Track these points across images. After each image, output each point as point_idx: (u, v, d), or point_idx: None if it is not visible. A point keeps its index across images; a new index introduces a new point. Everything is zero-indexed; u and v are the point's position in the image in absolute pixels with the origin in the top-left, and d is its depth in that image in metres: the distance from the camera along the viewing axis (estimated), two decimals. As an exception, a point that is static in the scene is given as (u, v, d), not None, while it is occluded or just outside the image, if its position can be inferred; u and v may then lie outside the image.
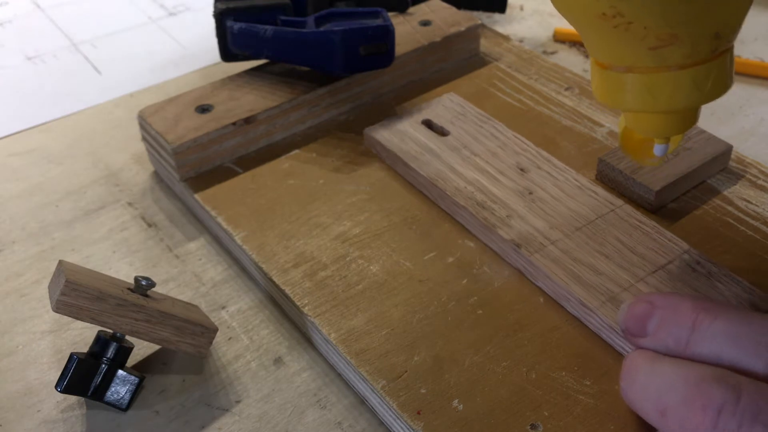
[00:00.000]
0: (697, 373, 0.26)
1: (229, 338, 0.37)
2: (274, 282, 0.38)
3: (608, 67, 0.30)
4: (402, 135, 0.45)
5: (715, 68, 0.29)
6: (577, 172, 0.41)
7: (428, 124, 0.46)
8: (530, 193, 0.40)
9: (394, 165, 0.44)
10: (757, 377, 0.26)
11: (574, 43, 0.59)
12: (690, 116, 0.32)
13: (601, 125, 0.47)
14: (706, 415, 0.25)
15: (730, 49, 0.30)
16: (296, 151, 0.46)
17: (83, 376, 0.33)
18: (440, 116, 0.46)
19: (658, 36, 0.27)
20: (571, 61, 0.57)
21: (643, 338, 0.29)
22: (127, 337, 0.34)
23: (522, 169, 0.41)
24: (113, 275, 0.39)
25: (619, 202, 0.39)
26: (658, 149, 0.33)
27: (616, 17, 0.27)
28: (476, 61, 0.54)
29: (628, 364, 0.29)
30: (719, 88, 0.30)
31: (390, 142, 0.44)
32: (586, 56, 0.58)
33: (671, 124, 0.31)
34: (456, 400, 0.32)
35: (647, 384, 0.28)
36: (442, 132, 0.45)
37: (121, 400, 0.34)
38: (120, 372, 0.33)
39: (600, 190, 0.40)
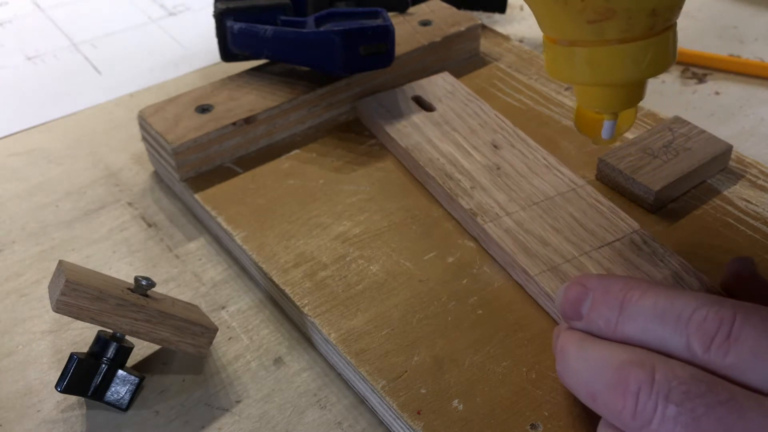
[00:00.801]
0: (618, 358, 0.27)
1: (229, 338, 0.37)
2: (274, 282, 0.38)
3: (555, 41, 0.31)
4: (391, 108, 0.47)
5: (653, 45, 0.30)
6: (548, 153, 0.43)
7: (418, 100, 0.48)
8: (498, 168, 0.42)
9: (379, 135, 0.46)
10: (680, 354, 0.26)
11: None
12: (634, 91, 0.32)
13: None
14: (627, 400, 0.26)
15: (672, 28, 0.30)
16: (296, 151, 0.46)
17: (83, 376, 0.33)
18: (431, 93, 0.48)
19: (595, 9, 0.29)
20: None
21: (578, 321, 0.30)
22: (127, 337, 0.34)
23: (496, 146, 0.43)
24: (113, 275, 0.39)
25: (581, 182, 0.41)
26: (606, 125, 0.34)
27: None
28: (476, 61, 0.54)
29: (559, 347, 0.30)
30: (658, 65, 0.31)
31: (378, 114, 0.46)
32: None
33: (615, 98, 0.32)
34: (456, 400, 0.32)
35: (578, 369, 0.28)
36: (430, 108, 0.47)
37: (121, 400, 0.34)
38: (120, 372, 0.33)
39: (566, 170, 0.41)
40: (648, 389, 0.25)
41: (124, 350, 0.34)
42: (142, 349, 0.37)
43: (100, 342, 0.34)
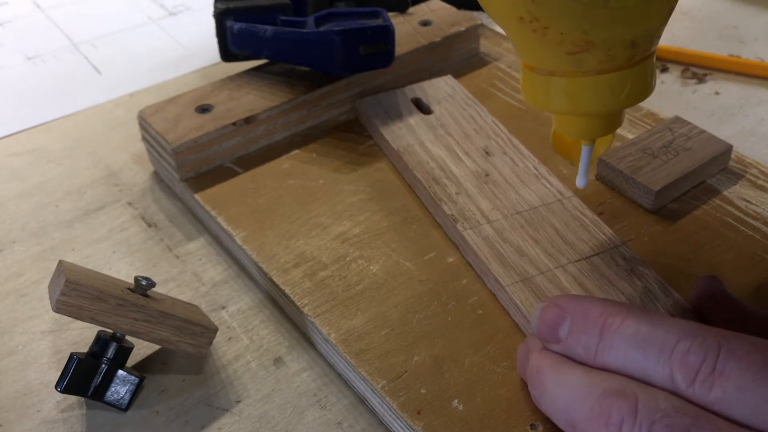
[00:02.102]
0: (599, 386, 0.26)
1: (229, 338, 0.37)
2: (274, 282, 0.38)
3: (533, 69, 0.31)
4: (389, 109, 0.47)
5: (632, 76, 0.30)
6: (539, 162, 0.42)
7: (417, 103, 0.47)
8: (487, 175, 0.41)
9: (375, 135, 0.46)
10: (663, 385, 0.26)
11: None
12: (612, 119, 0.32)
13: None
14: None
15: (650, 57, 0.30)
16: (296, 151, 0.46)
17: (83, 376, 0.33)
18: (430, 96, 0.48)
19: (573, 42, 0.28)
20: None
21: (556, 344, 0.29)
22: (127, 337, 0.34)
23: (488, 153, 0.43)
24: (113, 275, 0.39)
25: (569, 193, 0.40)
26: (584, 150, 0.34)
27: (533, 22, 0.28)
28: (476, 61, 0.54)
29: (534, 369, 0.29)
30: (637, 94, 0.30)
31: (375, 114, 0.46)
32: None
33: (593, 127, 0.32)
34: (456, 400, 0.32)
35: (555, 396, 0.28)
36: (428, 110, 0.47)
37: (121, 400, 0.34)
38: (120, 372, 0.33)
39: (554, 181, 0.41)
40: (631, 421, 0.25)
41: (124, 350, 0.34)
42: (142, 349, 0.37)
43: (100, 342, 0.34)
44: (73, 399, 0.35)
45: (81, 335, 0.38)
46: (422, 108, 0.47)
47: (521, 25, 0.29)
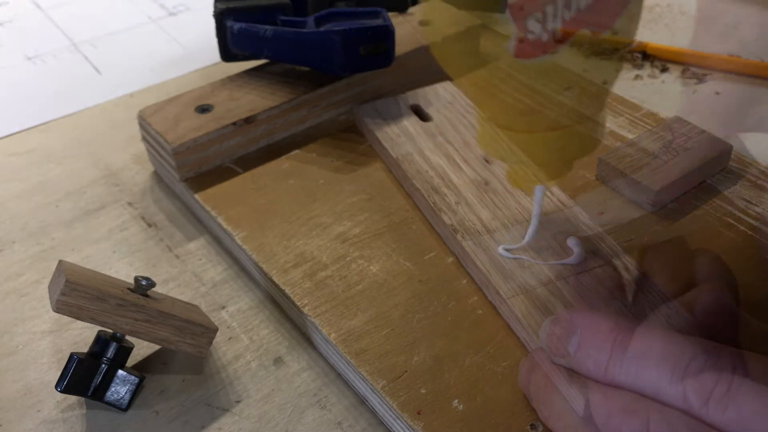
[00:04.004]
0: (609, 406, 0.26)
1: (229, 338, 0.37)
2: (274, 282, 0.37)
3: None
4: (387, 116, 0.46)
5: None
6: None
7: (416, 109, 0.47)
8: (486, 183, 0.41)
9: (373, 143, 0.46)
10: (676, 404, 0.25)
11: (574, 43, 0.59)
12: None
13: (601, 125, 0.47)
14: None
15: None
16: (296, 151, 0.46)
17: (83, 376, 0.33)
18: (429, 103, 0.47)
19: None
20: (571, 61, 0.57)
21: (564, 358, 0.29)
22: (127, 337, 0.34)
23: (487, 161, 0.42)
24: (113, 275, 0.39)
25: (571, 203, 0.40)
26: (537, 191, 0.35)
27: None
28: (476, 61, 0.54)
29: (542, 384, 0.29)
30: None
31: (373, 122, 0.46)
32: (586, 56, 0.58)
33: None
34: (456, 400, 0.32)
35: (563, 412, 0.28)
36: (427, 117, 0.46)
37: (121, 400, 0.34)
38: (120, 372, 0.33)
39: (556, 190, 0.40)
40: None
41: (124, 350, 0.34)
42: (142, 349, 0.37)
43: (100, 342, 0.34)
44: (73, 399, 0.35)
45: (81, 335, 0.38)
46: (421, 115, 0.47)
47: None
